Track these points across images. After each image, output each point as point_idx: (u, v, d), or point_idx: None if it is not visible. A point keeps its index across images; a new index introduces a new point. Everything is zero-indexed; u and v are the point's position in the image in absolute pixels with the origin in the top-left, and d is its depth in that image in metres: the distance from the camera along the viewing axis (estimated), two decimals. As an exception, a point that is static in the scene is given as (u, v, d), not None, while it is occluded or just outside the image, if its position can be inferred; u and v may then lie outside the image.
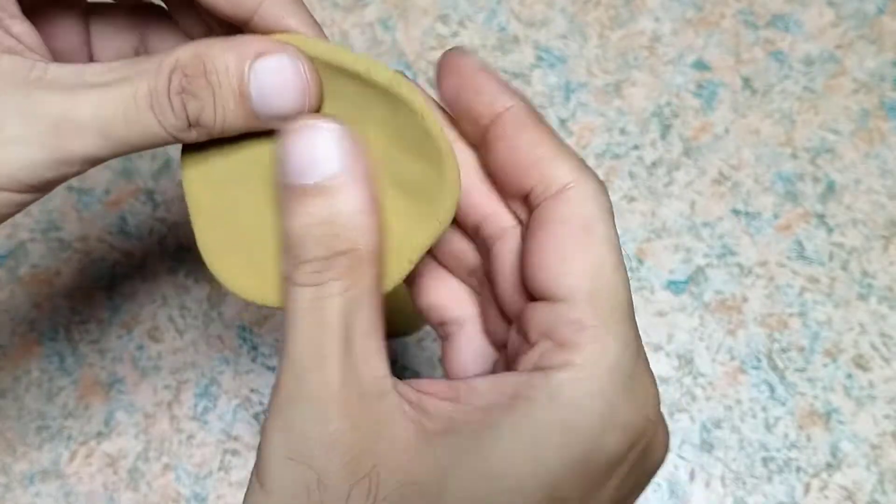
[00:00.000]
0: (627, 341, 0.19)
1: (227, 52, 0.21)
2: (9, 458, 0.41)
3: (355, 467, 0.18)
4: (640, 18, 0.49)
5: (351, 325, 0.19)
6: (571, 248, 0.20)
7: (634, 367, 0.19)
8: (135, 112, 0.21)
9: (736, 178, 0.45)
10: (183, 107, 0.21)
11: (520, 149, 0.20)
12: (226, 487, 0.40)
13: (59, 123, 0.21)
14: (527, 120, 0.21)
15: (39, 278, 0.44)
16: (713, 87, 0.47)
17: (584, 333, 0.19)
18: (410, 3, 0.49)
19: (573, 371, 0.19)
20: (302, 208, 0.20)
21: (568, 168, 0.20)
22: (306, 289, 0.19)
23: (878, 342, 0.42)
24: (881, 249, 0.44)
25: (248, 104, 0.21)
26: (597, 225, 0.20)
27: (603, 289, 0.19)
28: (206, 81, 0.21)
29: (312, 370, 0.19)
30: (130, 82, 0.21)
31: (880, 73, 0.47)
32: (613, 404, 0.19)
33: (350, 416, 0.19)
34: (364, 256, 0.20)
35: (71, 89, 0.21)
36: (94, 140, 0.21)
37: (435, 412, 0.19)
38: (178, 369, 0.42)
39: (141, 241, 0.44)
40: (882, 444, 0.40)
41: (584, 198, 0.20)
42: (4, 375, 0.42)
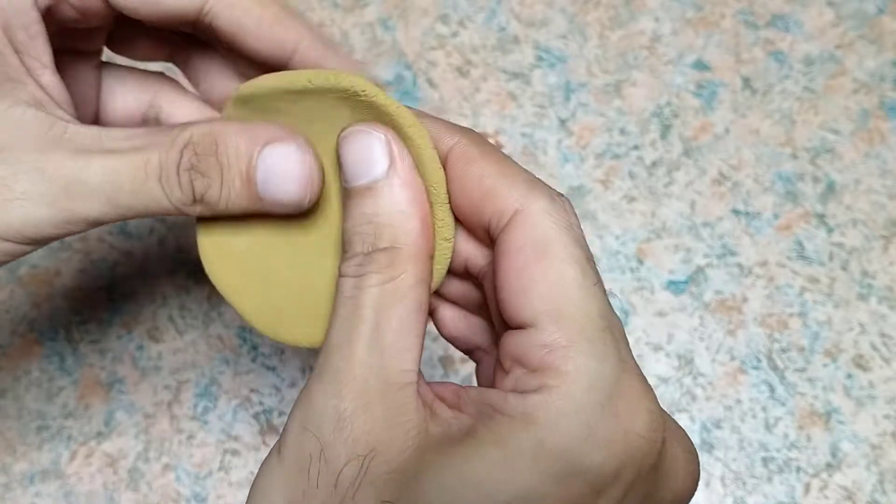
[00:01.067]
0: (603, 357, 0.19)
1: (240, 134, 0.22)
2: (9, 458, 0.41)
3: (355, 446, 0.19)
4: (640, 18, 0.49)
5: (383, 315, 0.20)
6: (528, 273, 0.20)
7: (617, 382, 0.19)
8: (143, 182, 0.22)
9: (736, 178, 0.45)
10: (190, 183, 0.22)
11: (469, 185, 0.21)
12: (226, 487, 0.40)
13: (69, 186, 0.21)
14: (471, 154, 0.21)
15: (39, 278, 0.44)
16: (713, 87, 0.47)
17: (554, 356, 0.19)
18: (410, 3, 0.49)
19: (547, 394, 0.19)
20: (353, 209, 0.21)
21: (516, 192, 0.20)
22: (349, 279, 0.21)
23: (878, 342, 0.42)
24: (881, 249, 0.44)
25: (253, 188, 0.22)
26: (551, 243, 0.20)
27: (567, 307, 0.19)
28: (216, 161, 0.22)
29: (340, 350, 0.20)
30: (143, 152, 0.22)
31: (880, 73, 0.47)
32: (592, 423, 0.18)
33: (364, 398, 0.19)
34: (404, 254, 0.21)
35: (86, 152, 0.22)
36: (100, 204, 0.22)
37: (440, 416, 0.20)
38: (178, 369, 0.42)
39: (141, 241, 0.44)
40: (882, 444, 0.40)
41: (535, 218, 0.20)
42: (4, 375, 0.42)
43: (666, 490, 0.20)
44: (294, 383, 0.42)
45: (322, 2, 0.49)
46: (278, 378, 0.42)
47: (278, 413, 0.41)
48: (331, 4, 0.49)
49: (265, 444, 0.41)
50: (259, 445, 0.41)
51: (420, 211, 0.21)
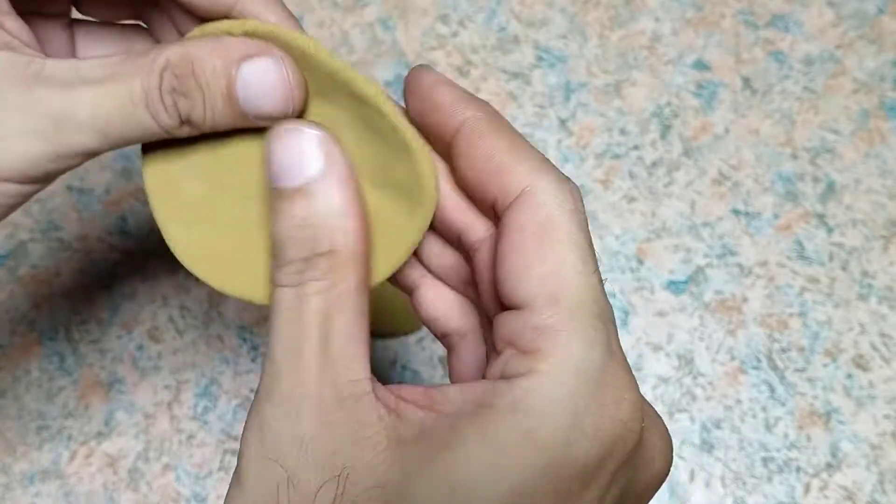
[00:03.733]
0: (594, 343, 0.19)
1: (214, 53, 0.22)
2: (9, 458, 0.41)
3: (325, 467, 0.19)
4: (640, 18, 0.49)
5: (329, 326, 0.20)
6: (530, 253, 0.19)
7: (604, 370, 0.19)
8: (131, 110, 0.21)
9: (736, 178, 0.45)
10: (175, 105, 0.22)
11: (478, 159, 0.21)
12: (226, 487, 0.40)
13: (59, 120, 0.21)
14: (484, 129, 0.21)
15: (39, 278, 0.44)
16: (713, 87, 0.47)
17: (545, 339, 0.19)
18: (410, 3, 0.49)
19: (536, 378, 0.18)
20: (285, 211, 0.20)
21: (525, 172, 0.20)
22: (287, 289, 0.20)
23: (878, 342, 0.42)
24: (881, 249, 0.44)
25: (236, 104, 0.22)
26: (555, 226, 0.19)
27: (564, 291, 0.19)
28: (195, 82, 0.22)
29: (288, 369, 0.19)
30: (125, 80, 0.22)
31: (880, 73, 0.47)
32: (579, 411, 0.18)
33: (322, 416, 0.19)
34: (344, 258, 0.20)
35: (68, 85, 0.21)
36: (93, 136, 0.22)
37: (410, 419, 0.19)
38: (178, 369, 0.42)
39: (141, 241, 0.44)
40: (882, 444, 0.40)
41: (541, 200, 0.20)
42: (4, 375, 0.42)
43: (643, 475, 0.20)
44: (294, 383, 0.42)
45: (322, 2, 0.49)
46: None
47: (278, 413, 0.41)
48: (331, 4, 0.49)
49: (265, 444, 0.41)
50: (259, 445, 0.41)
51: (358, 210, 0.20)
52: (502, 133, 0.21)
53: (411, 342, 0.42)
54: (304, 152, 0.21)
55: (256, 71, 0.22)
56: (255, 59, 0.22)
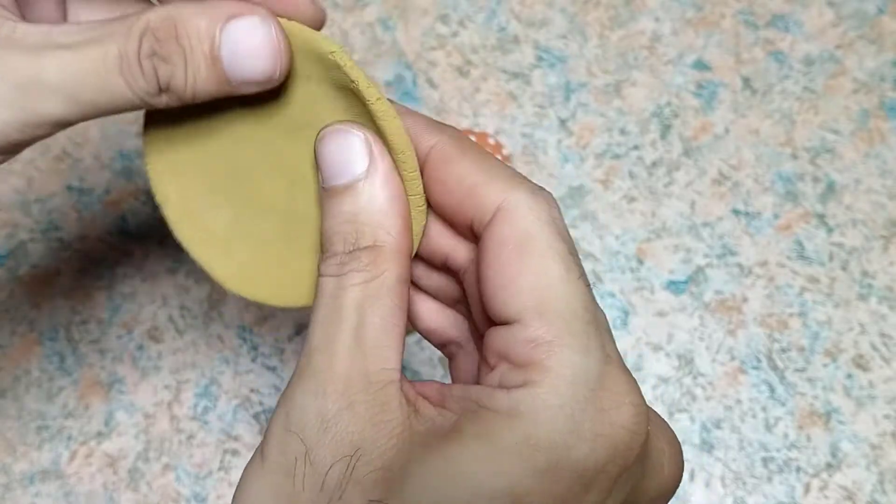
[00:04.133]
0: (588, 350, 0.19)
1: (199, 14, 0.21)
2: (9, 458, 0.41)
3: (340, 446, 0.19)
4: (640, 18, 0.49)
5: (365, 315, 0.20)
6: (512, 268, 0.20)
7: (601, 376, 0.19)
8: (104, 75, 0.21)
9: (736, 178, 0.45)
10: (154, 71, 0.21)
11: (450, 183, 0.21)
12: (226, 487, 0.40)
13: (26, 84, 0.20)
14: (452, 153, 0.21)
15: (39, 278, 0.44)
16: (713, 87, 0.47)
17: (538, 351, 0.19)
18: (410, 3, 0.49)
19: (532, 388, 0.18)
20: (333, 208, 0.21)
21: (497, 189, 0.20)
22: (330, 279, 0.21)
23: (878, 342, 0.42)
24: (881, 249, 0.44)
25: (220, 68, 0.21)
26: (534, 238, 0.20)
27: (552, 302, 0.19)
28: (177, 45, 0.21)
29: (321, 351, 0.20)
30: (100, 44, 0.21)
31: (880, 73, 0.47)
32: (577, 417, 0.18)
33: (347, 397, 0.19)
34: (385, 253, 0.21)
35: (39, 49, 0.21)
36: (62, 103, 0.21)
37: (424, 414, 0.20)
38: (178, 369, 0.42)
39: (141, 241, 0.44)
40: (882, 444, 0.40)
41: (517, 214, 0.20)
42: (4, 375, 0.42)
43: (652, 482, 0.20)
44: (294, 383, 0.42)
45: (322, 2, 0.49)
46: (278, 378, 0.42)
47: (278, 413, 0.41)
48: (331, 4, 0.49)
49: (265, 444, 0.41)
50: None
51: (401, 209, 0.21)
52: (469, 154, 0.21)
53: (411, 342, 0.42)
54: (350, 152, 0.21)
55: (243, 30, 0.21)
56: (241, 18, 0.21)
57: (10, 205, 0.45)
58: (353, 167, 0.21)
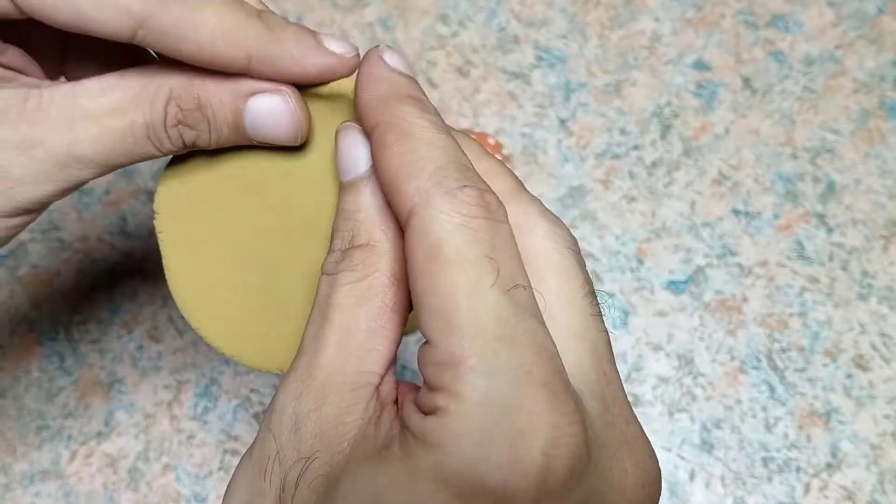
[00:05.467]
0: (496, 372, 0.17)
1: (222, 88, 0.22)
2: (9, 458, 0.41)
3: (302, 448, 0.19)
4: (640, 18, 0.49)
5: (353, 315, 0.20)
6: (422, 284, 0.18)
7: (513, 396, 0.17)
8: (132, 143, 0.22)
9: (736, 178, 0.45)
10: (180, 136, 0.22)
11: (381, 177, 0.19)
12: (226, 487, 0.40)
13: (63, 161, 0.22)
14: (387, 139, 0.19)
15: (39, 278, 0.44)
16: (713, 87, 0.47)
17: (446, 375, 0.17)
18: (410, 3, 0.49)
19: (439, 417, 0.17)
20: (340, 204, 0.21)
21: (411, 191, 0.18)
22: (326, 277, 0.21)
23: (878, 342, 0.42)
24: (881, 249, 0.44)
25: (243, 132, 0.23)
26: (441, 247, 0.18)
27: (459, 319, 0.17)
28: (201, 115, 0.22)
29: (307, 351, 0.20)
30: (126, 114, 0.22)
31: (880, 73, 0.47)
32: (486, 443, 0.17)
33: (319, 398, 0.19)
34: (378, 252, 0.20)
35: (68, 122, 0.22)
36: (94, 169, 0.22)
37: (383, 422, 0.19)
38: (178, 369, 0.42)
39: (141, 241, 0.44)
40: (882, 444, 0.40)
41: (425, 222, 0.18)
42: (4, 375, 0.42)
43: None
44: (294, 383, 0.42)
45: (322, 2, 0.49)
46: (278, 378, 0.42)
47: (278, 413, 0.41)
48: (331, 4, 0.49)
49: (265, 444, 0.41)
50: (259, 445, 0.41)
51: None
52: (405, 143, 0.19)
53: (411, 342, 0.42)
54: (356, 149, 0.21)
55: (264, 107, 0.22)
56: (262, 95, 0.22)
57: (10, 205, 0.45)
58: (357, 164, 0.21)
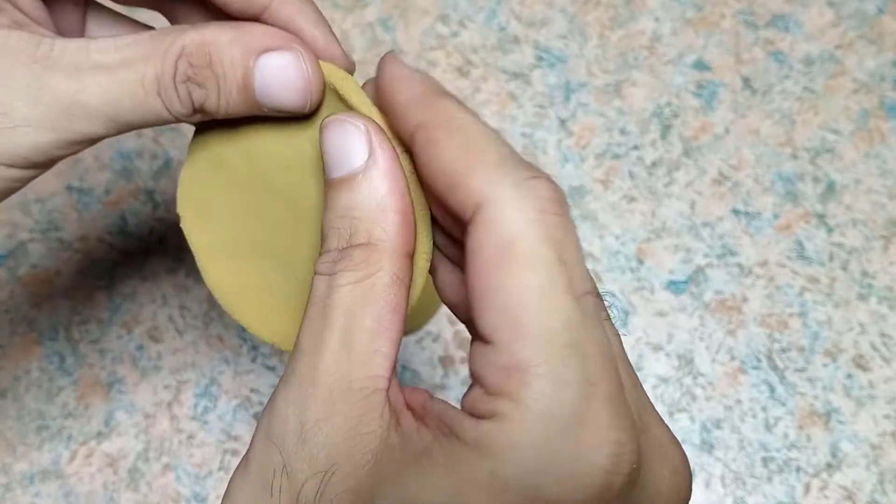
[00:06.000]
0: (566, 382, 0.16)
1: (234, 44, 0.21)
2: (9, 458, 0.41)
3: (315, 461, 0.18)
4: (640, 18, 0.49)
5: (354, 318, 0.19)
6: (489, 281, 0.17)
7: (580, 410, 0.16)
8: (142, 97, 0.21)
9: (736, 178, 0.45)
10: (188, 94, 0.22)
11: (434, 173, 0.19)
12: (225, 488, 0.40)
13: (69, 108, 0.21)
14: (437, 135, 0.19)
15: (39, 278, 0.44)
16: (713, 87, 0.47)
17: (510, 380, 0.17)
18: (410, 3, 0.49)
19: (500, 423, 0.17)
20: (332, 201, 0.20)
21: (478, 183, 0.18)
22: (322, 277, 0.20)
23: (878, 342, 0.42)
24: (881, 249, 0.44)
25: (252, 95, 0.22)
26: (514, 244, 0.17)
27: (529, 322, 0.17)
28: (211, 72, 0.21)
29: (307, 355, 0.19)
30: (137, 67, 0.21)
31: (880, 73, 0.47)
32: (548, 457, 0.16)
33: (327, 406, 0.19)
34: (380, 251, 0.19)
35: (79, 70, 0.21)
36: (102, 123, 0.22)
37: (404, 426, 0.19)
38: (178, 369, 0.42)
39: (141, 241, 0.44)
40: (882, 444, 0.40)
41: (496, 215, 0.17)
42: (4, 375, 0.42)
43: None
44: (294, 383, 0.42)
45: (322, 2, 0.49)
46: (278, 378, 0.42)
47: (278, 413, 0.41)
48: (331, 4, 0.49)
49: (265, 444, 0.41)
50: (259, 445, 0.41)
51: (400, 204, 0.20)
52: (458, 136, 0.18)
53: (411, 342, 0.42)
54: (349, 143, 0.20)
55: (275, 65, 0.21)
56: (274, 52, 0.21)
57: (10, 205, 0.45)
58: (351, 159, 0.20)
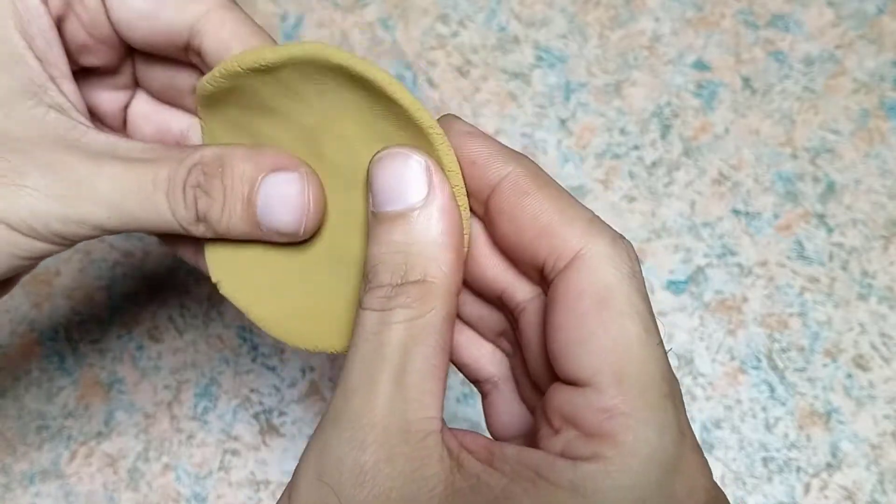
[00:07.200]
0: (665, 428, 0.17)
1: (247, 160, 0.22)
2: (9, 458, 0.41)
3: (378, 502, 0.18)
4: (640, 18, 0.49)
5: (408, 357, 0.19)
6: (589, 326, 0.18)
7: (675, 456, 0.17)
8: (150, 193, 0.22)
9: (736, 178, 0.45)
10: (194, 200, 0.22)
11: (523, 220, 0.19)
12: (226, 487, 0.40)
13: (77, 186, 0.22)
14: (528, 186, 0.20)
15: (39, 278, 0.44)
16: (713, 87, 0.47)
17: (612, 423, 0.17)
18: (410, 3, 0.49)
19: (602, 464, 0.17)
20: (383, 235, 0.20)
21: (577, 233, 0.19)
22: (374, 313, 0.19)
23: (878, 342, 0.42)
24: (881, 249, 0.44)
25: (253, 212, 0.22)
26: (615, 293, 0.18)
27: (630, 368, 0.18)
28: (220, 183, 0.22)
29: (359, 394, 0.19)
30: (153, 165, 0.22)
31: (880, 73, 0.47)
32: (647, 501, 0.17)
33: (386, 448, 0.18)
34: (436, 289, 0.19)
35: (99, 157, 0.22)
36: (106, 210, 0.22)
37: (468, 469, 0.18)
38: (178, 369, 0.42)
39: (141, 241, 0.44)
40: (882, 444, 0.40)
41: (597, 264, 0.18)
42: (4, 375, 0.42)
43: None
44: (294, 383, 0.42)
45: (322, 2, 0.49)
46: (278, 378, 0.42)
47: (278, 413, 0.41)
48: (331, 4, 0.49)
49: (265, 444, 0.41)
50: (259, 445, 0.41)
51: (456, 243, 0.20)
52: (547, 190, 0.20)
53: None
54: (408, 178, 0.20)
55: (280, 181, 0.22)
56: (282, 171, 0.22)
57: (10, 205, 0.45)
58: (409, 194, 0.20)
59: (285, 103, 0.23)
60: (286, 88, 0.22)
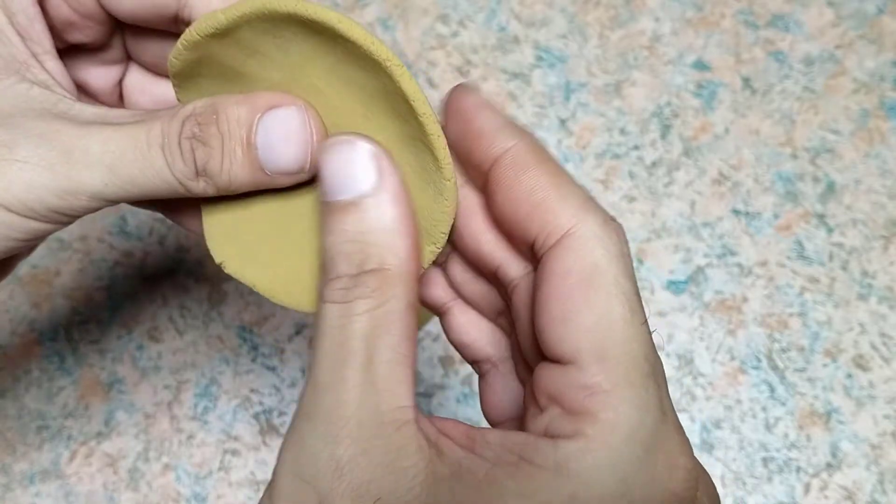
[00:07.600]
0: (646, 406, 0.17)
1: (240, 103, 0.21)
2: (9, 458, 0.41)
3: (358, 495, 0.18)
4: (640, 18, 0.49)
5: (374, 347, 0.19)
6: (574, 303, 0.18)
7: (656, 435, 0.17)
8: (145, 150, 0.21)
9: (736, 178, 0.45)
10: (192, 152, 0.21)
11: (519, 193, 0.19)
12: (226, 487, 0.40)
13: (70, 151, 0.21)
14: (527, 161, 0.19)
15: (39, 278, 0.44)
16: (713, 87, 0.47)
17: (594, 400, 0.17)
18: (410, 3, 0.49)
19: (583, 442, 0.17)
20: (335, 225, 0.20)
21: (568, 211, 0.19)
22: (334, 306, 0.19)
23: (878, 342, 0.42)
24: (881, 249, 0.44)
25: (254, 155, 0.21)
26: (602, 273, 0.18)
27: (614, 347, 0.18)
28: (216, 129, 0.21)
29: (330, 389, 0.19)
30: (146, 123, 0.21)
31: (880, 73, 0.47)
32: (628, 479, 0.17)
33: (362, 441, 0.18)
34: (394, 276, 0.19)
35: (89, 125, 0.21)
36: (101, 173, 0.21)
37: (449, 456, 0.18)
38: (178, 369, 0.42)
39: (141, 241, 0.44)
40: (882, 444, 0.40)
41: (586, 243, 0.18)
42: (4, 375, 0.42)
43: None
44: (294, 383, 0.42)
45: (322, 2, 0.49)
46: (278, 378, 0.42)
47: (278, 413, 0.41)
48: (331, 4, 0.49)
49: (265, 444, 0.41)
50: (259, 445, 0.41)
51: (410, 229, 0.20)
52: (546, 166, 0.19)
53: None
54: (356, 166, 0.20)
55: (279, 118, 0.21)
56: (279, 108, 0.21)
57: (10, 205, 0.45)
58: (359, 182, 0.19)
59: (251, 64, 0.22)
60: (248, 48, 0.22)
